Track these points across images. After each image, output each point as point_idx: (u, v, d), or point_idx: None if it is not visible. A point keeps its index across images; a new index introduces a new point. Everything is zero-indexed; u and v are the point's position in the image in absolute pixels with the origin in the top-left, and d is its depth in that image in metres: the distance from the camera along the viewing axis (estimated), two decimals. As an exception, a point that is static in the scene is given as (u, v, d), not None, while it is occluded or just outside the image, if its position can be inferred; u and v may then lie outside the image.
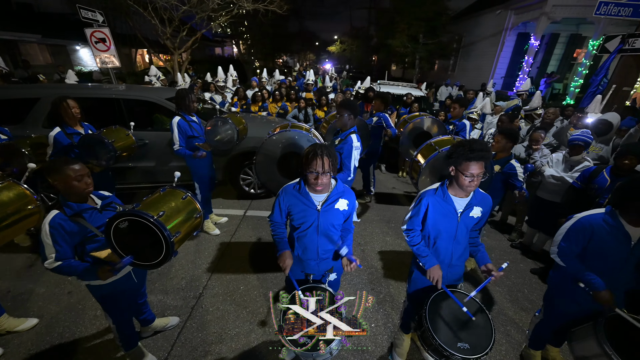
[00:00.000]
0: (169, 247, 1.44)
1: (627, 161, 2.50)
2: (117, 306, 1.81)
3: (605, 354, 1.53)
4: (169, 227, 1.44)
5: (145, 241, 1.44)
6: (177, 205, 1.63)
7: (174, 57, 10.68)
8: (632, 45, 4.13)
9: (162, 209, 1.49)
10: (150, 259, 1.49)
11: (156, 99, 3.81)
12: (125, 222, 1.41)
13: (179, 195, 1.70)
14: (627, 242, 1.58)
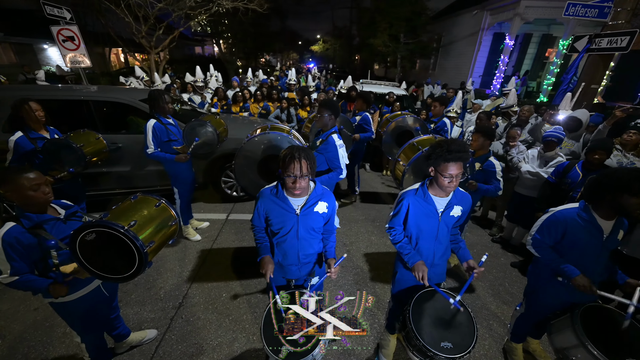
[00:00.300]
0: (142, 258, 1.35)
1: (597, 156, 2.60)
2: (85, 324, 1.69)
3: (582, 345, 1.57)
4: (142, 237, 1.35)
5: (115, 253, 1.35)
6: (150, 213, 1.54)
7: (151, 57, 10.30)
8: (598, 45, 4.34)
9: (134, 217, 1.40)
10: (122, 272, 1.39)
11: (129, 101, 3.63)
12: (93, 233, 1.31)
13: (151, 202, 1.60)
14: (599, 235, 1.62)
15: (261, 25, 20.14)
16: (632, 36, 3.91)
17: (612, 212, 1.58)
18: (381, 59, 18.01)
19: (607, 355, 1.46)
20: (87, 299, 1.61)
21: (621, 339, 1.55)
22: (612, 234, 1.63)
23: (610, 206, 1.55)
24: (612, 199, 1.51)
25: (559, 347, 1.78)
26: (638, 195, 1.43)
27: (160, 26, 10.10)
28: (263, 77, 8.49)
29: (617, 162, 3.10)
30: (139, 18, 9.59)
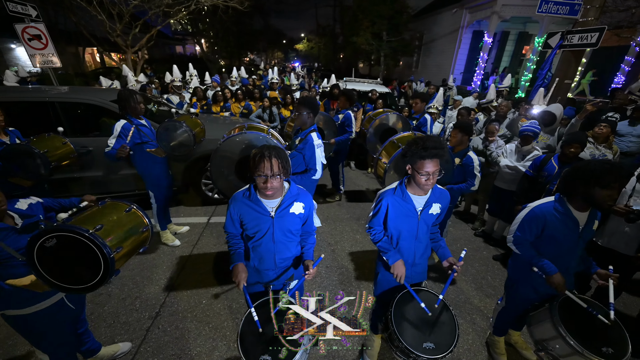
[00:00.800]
0: (108, 264, 1.26)
1: (572, 149, 2.67)
2: (50, 340, 1.56)
3: (560, 336, 1.59)
4: (109, 241, 1.26)
5: (80, 261, 1.25)
6: (119, 218, 1.45)
7: (128, 56, 9.91)
8: (570, 41, 4.49)
9: (100, 222, 1.31)
10: (85, 281, 1.29)
11: (100, 102, 3.45)
12: (53, 239, 1.20)
13: (121, 207, 1.51)
14: (575, 227, 1.64)
15: (243, 24, 19.84)
16: (601, 32, 4.05)
17: (586, 204, 1.60)
18: (365, 57, 18.10)
19: (584, 345, 1.49)
20: (49, 312, 1.49)
21: (596, 329, 1.58)
22: (587, 225, 1.66)
23: (583, 198, 1.57)
24: (584, 191, 1.53)
25: (538, 339, 1.80)
26: (608, 187, 1.45)
27: (136, 24, 9.72)
28: (244, 76, 8.31)
29: (590, 155, 3.20)
30: (113, 16, 9.20)
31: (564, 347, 1.59)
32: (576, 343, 1.50)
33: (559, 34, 4.66)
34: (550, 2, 4.32)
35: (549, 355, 1.71)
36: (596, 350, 1.47)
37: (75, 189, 3.49)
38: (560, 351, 1.64)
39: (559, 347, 1.64)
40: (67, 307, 1.59)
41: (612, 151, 3.18)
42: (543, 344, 1.75)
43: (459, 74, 14.08)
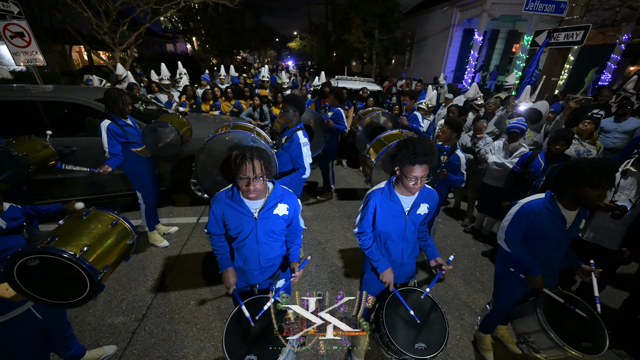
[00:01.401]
0: (95, 285, 1.24)
1: (558, 146, 2.70)
2: (14, 355, 1.50)
3: (543, 330, 1.61)
4: (95, 261, 1.25)
5: (61, 277, 1.23)
6: (105, 233, 1.40)
7: (116, 54, 9.72)
8: (556, 39, 4.55)
9: (87, 241, 1.28)
10: (69, 297, 1.27)
11: (85, 101, 3.37)
12: (37, 259, 1.17)
13: (106, 221, 1.45)
14: (562, 225, 1.64)
15: (235, 22, 19.62)
16: (586, 30, 4.12)
17: (575, 203, 1.60)
18: (357, 55, 18.09)
19: (565, 340, 1.51)
20: (10, 324, 1.41)
21: (578, 324, 1.61)
22: (575, 224, 1.66)
23: (573, 197, 1.56)
24: (574, 190, 1.52)
25: (520, 332, 1.83)
26: (598, 188, 1.44)
27: (124, 22, 9.54)
28: (234, 74, 8.22)
29: (574, 151, 3.25)
30: (100, 13, 9.01)
31: (545, 341, 1.62)
32: (557, 337, 1.53)
33: (545, 32, 4.73)
34: (536, 1, 4.37)
35: (530, 347, 1.74)
36: (576, 344, 1.50)
37: (59, 191, 3.41)
38: (540, 344, 1.68)
39: (540, 340, 1.67)
40: (32, 317, 1.51)
41: (596, 147, 3.23)
42: (525, 337, 1.78)
43: (451, 72, 14.19)
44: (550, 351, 1.64)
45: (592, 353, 1.47)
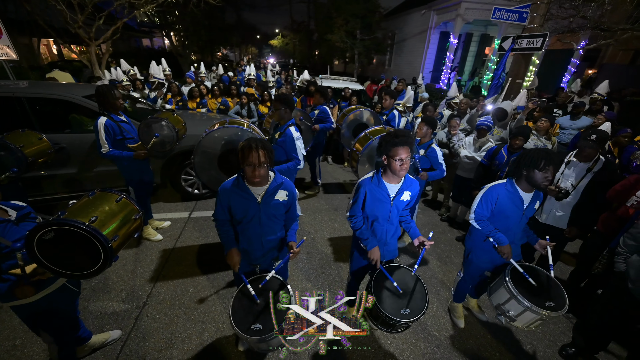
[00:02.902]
0: (108, 253, 1.37)
1: (517, 141, 3.08)
2: (56, 324, 1.64)
3: (513, 296, 1.88)
4: (105, 232, 1.37)
5: (78, 249, 1.35)
6: (111, 208, 1.53)
7: (91, 49, 9.36)
8: (519, 45, 5.03)
9: (94, 214, 1.40)
10: (87, 268, 1.39)
11: (71, 97, 3.37)
12: (51, 232, 1.29)
13: (112, 198, 1.60)
14: (521, 205, 1.98)
15: (215, 18, 19.23)
16: (544, 38, 4.60)
17: (529, 186, 1.94)
18: (340, 55, 18.39)
19: (532, 302, 1.78)
20: (54, 296, 1.57)
21: (542, 289, 1.89)
22: (531, 204, 2.00)
23: (527, 180, 1.91)
24: (527, 174, 1.87)
25: (497, 304, 2.09)
26: (543, 170, 1.80)
27: (100, 15, 9.21)
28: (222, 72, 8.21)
29: (533, 145, 3.68)
30: (74, 5, 8.64)
31: (517, 307, 1.87)
32: (525, 299, 1.79)
33: (511, 38, 5.20)
34: (502, 10, 4.82)
35: (507, 317, 2.01)
36: (542, 305, 1.77)
37: (48, 188, 3.40)
38: (514, 311, 1.91)
39: (513, 307, 1.91)
40: (68, 290, 1.67)
41: (551, 142, 3.68)
42: (501, 308, 2.04)
43: (428, 73, 14.81)
44: (522, 316, 1.88)
45: (555, 310, 1.75)
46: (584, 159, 2.55)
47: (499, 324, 2.53)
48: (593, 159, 2.52)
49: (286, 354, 1.49)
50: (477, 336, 2.43)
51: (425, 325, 2.49)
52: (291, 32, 29.40)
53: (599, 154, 2.53)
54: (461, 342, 2.37)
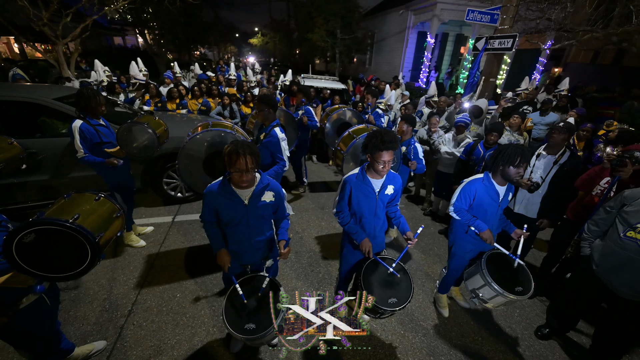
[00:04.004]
0: (95, 249, 1.33)
1: (492, 137, 3.25)
2: (34, 341, 1.56)
3: (487, 283, 2.03)
4: (90, 227, 1.33)
5: (61, 251, 1.30)
6: (91, 207, 1.50)
7: (58, 48, 8.84)
8: (492, 45, 5.29)
9: (76, 212, 1.36)
10: (72, 268, 1.35)
11: (40, 100, 3.19)
12: (32, 234, 1.23)
13: (90, 197, 1.56)
14: (497, 198, 2.11)
15: (192, 16, 18.67)
16: (514, 38, 4.87)
17: (504, 180, 2.06)
18: (321, 54, 18.42)
19: (503, 287, 1.93)
20: (27, 312, 1.48)
21: (511, 276, 2.05)
22: (505, 196, 2.14)
23: (502, 175, 2.03)
24: (502, 169, 2.00)
25: (472, 288, 2.24)
26: (518, 166, 1.93)
27: (67, 12, 8.71)
28: (199, 71, 8.02)
29: (507, 140, 3.89)
30: (37, 2, 8.12)
31: (490, 292, 2.04)
32: (498, 286, 1.94)
33: (484, 39, 5.44)
34: (475, 12, 5.04)
35: (480, 300, 2.16)
36: (511, 290, 1.93)
37: (20, 196, 3.21)
38: (487, 295, 2.09)
39: (486, 292, 2.09)
40: (44, 304, 1.59)
41: (523, 137, 3.90)
42: (475, 292, 2.20)
43: (408, 72, 15.17)
44: (494, 299, 2.06)
45: (523, 294, 1.92)
46: (553, 149, 2.71)
47: (472, 306, 2.69)
48: (561, 150, 2.69)
49: (286, 354, 1.50)
50: (460, 323, 2.56)
51: (412, 316, 2.59)
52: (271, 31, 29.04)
53: (565, 147, 2.72)
54: (446, 329, 2.49)
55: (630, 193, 1.91)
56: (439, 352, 2.28)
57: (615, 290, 1.96)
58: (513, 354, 2.31)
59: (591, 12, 5.90)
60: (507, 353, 2.32)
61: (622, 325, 2.05)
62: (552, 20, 6.15)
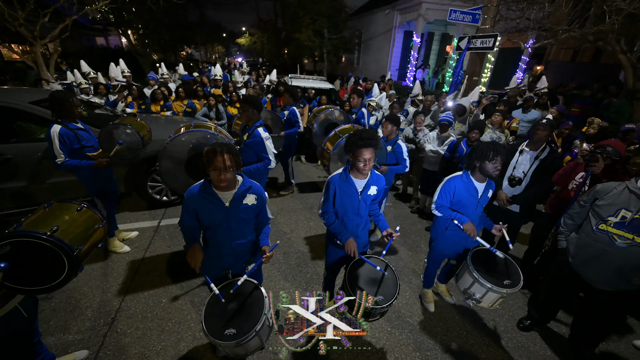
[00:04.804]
0: (73, 262, 1.30)
1: (474, 134, 3.33)
2: (9, 354, 1.51)
3: (476, 280, 2.04)
4: (68, 241, 1.31)
5: (38, 263, 1.27)
6: (72, 217, 1.47)
7: (36, 49, 8.55)
8: (474, 44, 5.41)
9: (55, 223, 1.33)
10: (49, 281, 1.32)
11: (15, 104, 3.09)
12: (7, 246, 1.20)
13: (71, 207, 1.53)
14: (476, 194, 2.15)
15: (176, 15, 18.33)
16: (495, 38, 4.99)
17: (482, 176, 2.11)
18: (309, 54, 18.41)
19: (492, 282, 1.95)
20: (3, 321, 1.43)
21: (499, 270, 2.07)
22: (484, 193, 2.18)
23: (480, 171, 2.08)
24: (479, 165, 2.04)
25: (463, 289, 2.23)
26: (493, 161, 1.97)
27: (44, 12, 8.42)
28: (184, 72, 7.89)
29: (489, 137, 3.98)
30: (13, 1, 7.83)
31: (480, 289, 2.03)
32: (486, 281, 1.96)
33: (466, 38, 5.56)
34: (457, 12, 5.14)
35: (473, 300, 2.17)
36: (500, 284, 1.94)
37: (-7, 204, 3.09)
38: (479, 293, 2.07)
39: (477, 290, 2.07)
40: (21, 315, 1.54)
41: (505, 134, 4.00)
42: (467, 292, 2.20)
43: (395, 71, 15.33)
44: (487, 297, 2.04)
45: (512, 287, 1.93)
46: (535, 145, 2.78)
47: (467, 307, 2.73)
48: (542, 146, 2.77)
49: (286, 354, 1.49)
50: (445, 318, 2.61)
51: (399, 312, 2.63)
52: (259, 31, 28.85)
53: (546, 143, 2.80)
54: (432, 325, 2.53)
55: (602, 187, 1.99)
56: (424, 348, 2.32)
57: (590, 282, 2.04)
58: (496, 346, 2.38)
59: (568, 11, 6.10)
60: (491, 345, 2.38)
61: (597, 314, 2.14)
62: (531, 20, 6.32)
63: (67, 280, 1.32)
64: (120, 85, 5.67)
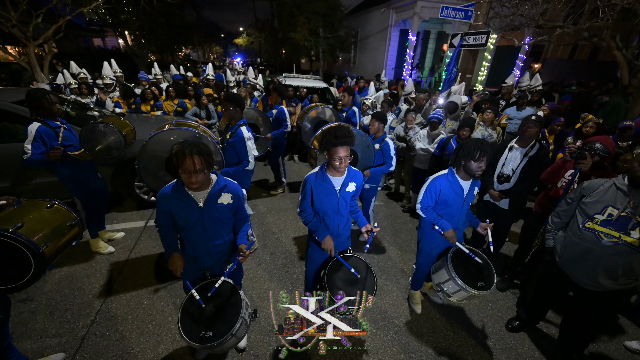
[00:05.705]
0: (39, 260, 1.26)
1: (464, 132, 3.28)
2: None
3: (451, 278, 2.05)
4: (34, 239, 1.28)
5: (4, 261, 1.24)
6: (41, 215, 1.43)
7: (30, 50, 8.50)
8: (467, 42, 5.36)
9: (20, 220, 1.30)
10: (17, 279, 1.28)
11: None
12: None
13: (41, 205, 1.49)
14: (461, 192, 2.11)
15: (173, 15, 18.31)
16: (487, 35, 4.94)
17: (467, 175, 2.07)
18: (305, 53, 18.35)
19: (466, 283, 1.96)
20: None
21: (475, 271, 2.08)
22: (470, 191, 2.14)
23: (464, 170, 2.04)
24: (464, 164, 2.00)
25: (437, 283, 2.26)
26: (478, 161, 1.93)
27: (37, 13, 8.37)
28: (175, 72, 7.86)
29: (481, 135, 3.93)
30: (5, 2, 7.78)
31: (454, 286, 2.07)
32: (461, 281, 1.98)
33: (459, 35, 5.51)
34: (449, 8, 5.09)
35: (444, 294, 2.18)
36: (474, 285, 1.97)
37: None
38: (451, 289, 2.13)
39: (451, 286, 2.12)
40: None
41: (496, 132, 3.95)
42: (440, 286, 2.22)
43: (391, 70, 15.26)
44: (457, 294, 2.10)
45: (485, 289, 1.96)
46: (525, 142, 2.73)
47: (437, 300, 2.71)
48: (531, 142, 2.71)
49: (286, 354, 1.47)
50: (432, 319, 2.56)
51: (385, 313, 2.58)
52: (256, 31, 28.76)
53: (535, 140, 2.75)
54: (418, 326, 2.49)
55: (589, 184, 1.94)
56: (410, 349, 2.27)
57: (576, 281, 1.99)
58: (482, 348, 2.33)
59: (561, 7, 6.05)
60: (477, 347, 2.33)
61: (585, 314, 2.09)
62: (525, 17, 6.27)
63: (35, 279, 1.29)
64: (113, 84, 5.65)
